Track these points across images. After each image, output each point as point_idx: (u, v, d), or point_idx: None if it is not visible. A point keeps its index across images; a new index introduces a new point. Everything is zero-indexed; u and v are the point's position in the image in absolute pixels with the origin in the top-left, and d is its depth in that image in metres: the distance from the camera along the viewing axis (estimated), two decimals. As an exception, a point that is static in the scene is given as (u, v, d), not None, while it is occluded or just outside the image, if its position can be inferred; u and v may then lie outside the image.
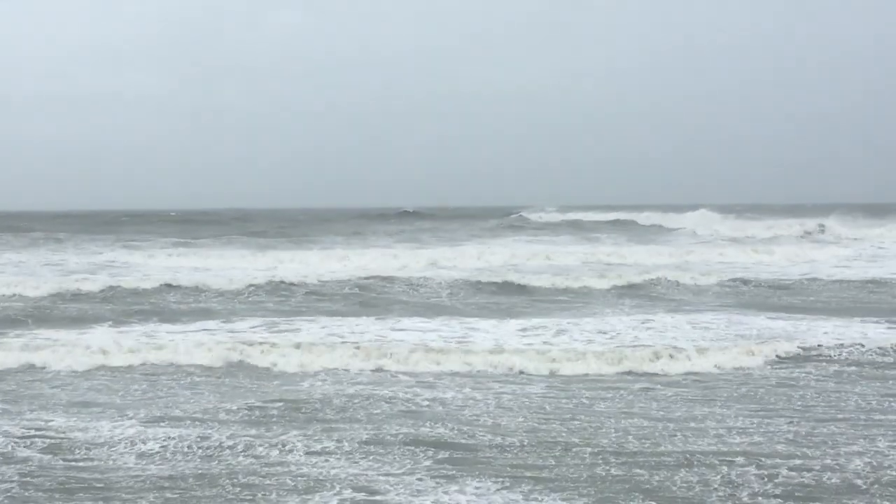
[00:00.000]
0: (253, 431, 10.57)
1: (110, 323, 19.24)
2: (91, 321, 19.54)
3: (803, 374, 13.80)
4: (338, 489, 8.53)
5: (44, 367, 14.74)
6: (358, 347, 15.04)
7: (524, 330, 17.63)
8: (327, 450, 9.78)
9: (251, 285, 24.58)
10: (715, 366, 14.27)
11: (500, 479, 8.83)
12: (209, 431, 10.54)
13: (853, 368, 14.18)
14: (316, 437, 10.27)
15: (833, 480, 8.73)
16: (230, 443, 10.08)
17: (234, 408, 11.76)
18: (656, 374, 13.90)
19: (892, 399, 12.23)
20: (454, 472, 9.08)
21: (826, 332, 17.01)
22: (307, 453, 9.66)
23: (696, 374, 13.94)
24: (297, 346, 15.74)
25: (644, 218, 63.86)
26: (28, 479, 8.94)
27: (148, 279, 26.16)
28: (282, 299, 23.28)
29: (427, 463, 9.39)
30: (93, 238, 47.88)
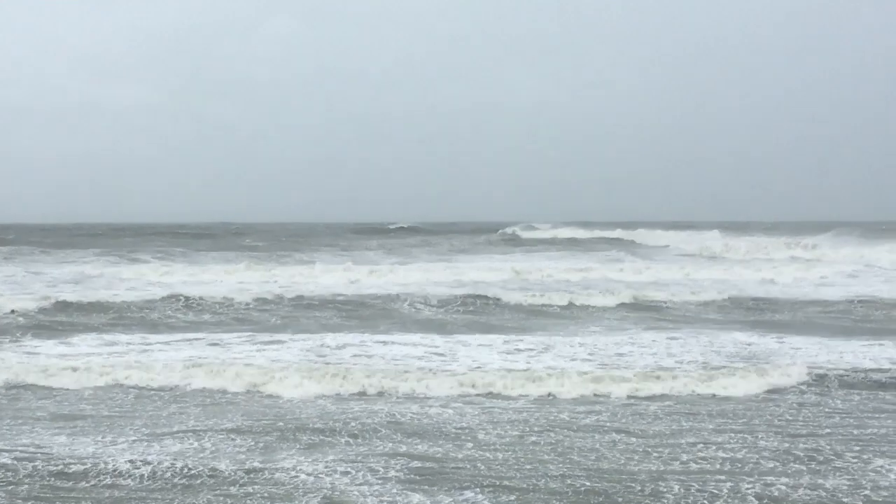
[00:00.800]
0: (237, 445, 10.67)
1: (96, 335, 19.28)
2: (79, 332, 19.60)
3: (786, 391, 13.91)
4: (311, 500, 8.64)
5: (30, 382, 14.73)
6: (346, 370, 14.91)
7: (509, 344, 17.75)
8: (309, 462, 9.85)
9: (241, 299, 24.64)
10: (699, 383, 14.33)
11: (477, 491, 8.93)
12: (194, 445, 10.63)
13: (836, 385, 14.27)
14: (299, 450, 10.38)
15: (814, 496, 8.82)
16: (215, 455, 10.17)
17: (219, 423, 11.85)
18: (639, 392, 13.93)
19: (873, 415, 12.36)
20: (431, 484, 9.17)
21: (809, 348, 17.17)
22: (290, 466, 9.73)
23: (679, 391, 14.00)
24: (284, 362, 15.82)
25: (634, 235, 64.16)
26: (7, 488, 9.02)
27: (135, 291, 26.23)
28: (270, 313, 23.32)
29: (403, 475, 9.46)
30: (82, 250, 47.90)
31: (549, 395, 13.71)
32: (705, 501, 8.68)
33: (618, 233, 66.99)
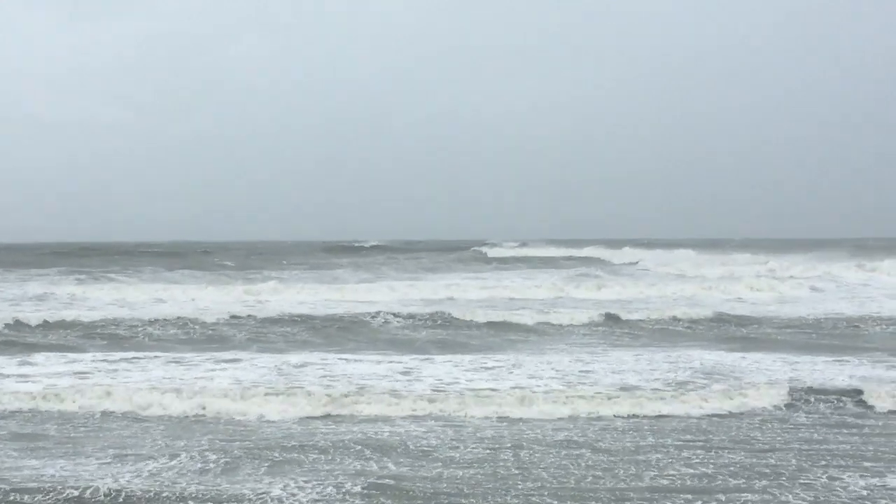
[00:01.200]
0: (202, 464, 10.63)
1: (59, 354, 19.04)
2: (42, 350, 19.37)
3: (750, 407, 13.96)
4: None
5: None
6: (311, 391, 14.71)
7: (475, 362, 17.72)
8: (273, 480, 9.82)
9: (208, 317, 24.47)
10: (665, 400, 14.32)
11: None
12: (159, 464, 10.60)
13: (800, 401, 14.33)
14: (265, 469, 10.36)
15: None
16: (180, 474, 10.17)
17: (183, 443, 11.81)
18: (606, 411, 13.86)
19: (838, 430, 12.47)
20: (393, 499, 9.19)
21: (773, 365, 17.28)
22: (254, 484, 9.69)
23: (645, 408, 13.96)
24: (249, 382, 15.73)
25: (605, 253, 64.41)
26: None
27: (99, 310, 26.03)
28: (237, 330, 23.17)
29: (368, 492, 9.45)
30: (47, 269, 47.47)
31: (517, 413, 13.66)
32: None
33: (588, 250, 67.30)
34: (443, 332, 23.51)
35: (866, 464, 10.59)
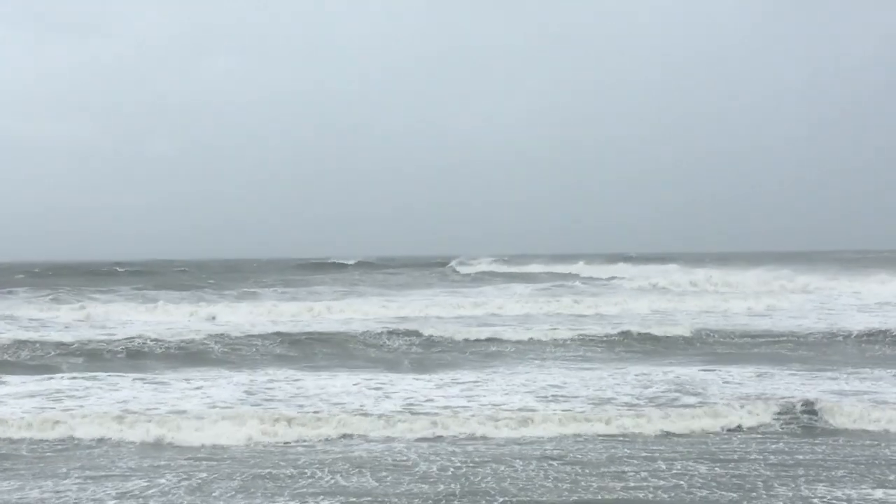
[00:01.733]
0: (175, 485, 10.62)
1: (28, 375, 18.88)
2: (7, 373, 19.18)
3: (722, 420, 14.02)
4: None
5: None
6: (277, 419, 14.41)
7: (449, 378, 17.73)
8: (245, 499, 9.77)
9: (183, 336, 24.31)
10: (638, 416, 14.34)
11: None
12: (135, 484, 10.59)
13: (770, 414, 14.40)
14: (236, 489, 10.33)
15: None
16: (163, 491, 10.23)
17: (158, 466, 11.75)
18: (579, 426, 13.89)
19: (807, 441, 12.57)
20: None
21: (743, 378, 17.37)
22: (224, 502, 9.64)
23: (616, 422, 13.99)
24: (219, 401, 15.65)
25: (583, 269, 64.61)
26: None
27: (69, 330, 25.83)
28: (210, 349, 23.02)
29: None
30: (17, 288, 47.15)
31: (491, 430, 13.66)
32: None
33: (571, 266, 67.49)
34: (418, 349, 23.47)
35: (837, 473, 10.70)
